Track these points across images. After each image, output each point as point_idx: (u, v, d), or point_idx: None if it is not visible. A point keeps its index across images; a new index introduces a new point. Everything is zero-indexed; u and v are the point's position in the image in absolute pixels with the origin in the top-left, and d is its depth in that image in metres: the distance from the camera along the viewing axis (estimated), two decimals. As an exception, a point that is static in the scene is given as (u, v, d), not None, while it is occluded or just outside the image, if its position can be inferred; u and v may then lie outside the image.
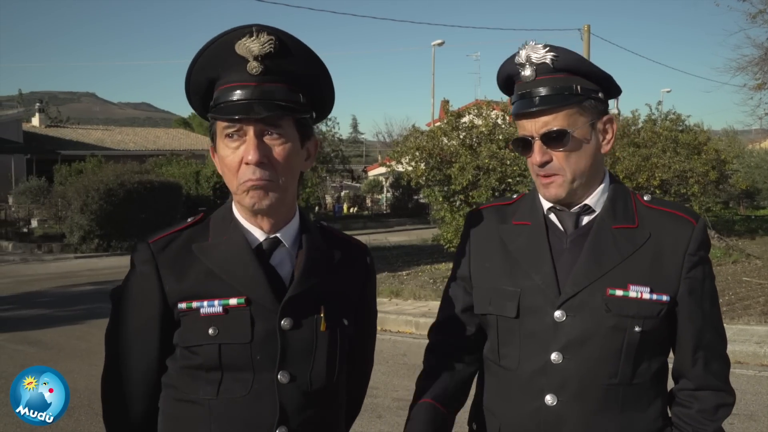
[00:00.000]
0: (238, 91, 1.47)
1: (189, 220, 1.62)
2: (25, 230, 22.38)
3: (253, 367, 1.50)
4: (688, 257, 1.66)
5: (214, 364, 1.49)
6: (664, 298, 1.63)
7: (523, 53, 1.68)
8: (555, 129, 1.64)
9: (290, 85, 1.50)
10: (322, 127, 26.34)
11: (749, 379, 6.55)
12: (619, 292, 1.62)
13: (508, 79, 1.76)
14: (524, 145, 1.70)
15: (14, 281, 14.17)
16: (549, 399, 1.63)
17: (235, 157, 1.48)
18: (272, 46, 1.45)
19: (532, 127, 1.67)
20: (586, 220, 1.72)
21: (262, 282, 1.51)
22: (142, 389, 1.56)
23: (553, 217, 1.74)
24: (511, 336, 1.71)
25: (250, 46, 1.45)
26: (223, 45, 1.47)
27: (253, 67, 1.46)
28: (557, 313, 1.63)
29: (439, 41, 37.19)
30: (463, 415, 1.88)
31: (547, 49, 1.65)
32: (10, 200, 25.11)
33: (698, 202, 15.04)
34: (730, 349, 7.29)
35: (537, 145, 1.66)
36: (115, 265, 15.08)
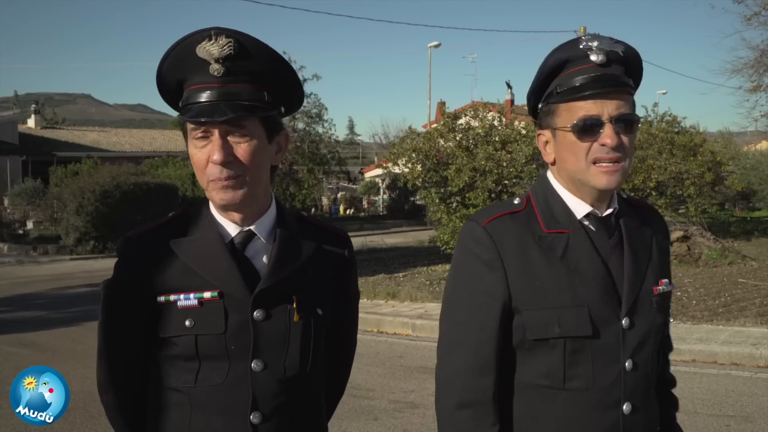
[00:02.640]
0: (203, 93, 1.53)
1: (170, 215, 1.69)
2: (20, 232, 22.31)
3: (228, 357, 1.56)
4: (668, 246, 1.79)
5: (192, 354, 1.56)
6: (672, 286, 1.73)
7: (591, 39, 1.62)
8: (630, 113, 1.60)
9: (254, 85, 1.55)
10: (318, 128, 26.31)
11: (745, 380, 6.56)
12: (660, 289, 1.67)
13: (561, 65, 1.64)
14: (590, 128, 1.58)
15: (9, 283, 14.13)
16: (626, 408, 1.61)
17: (202, 155, 1.54)
18: (231, 48, 1.51)
19: (601, 108, 1.57)
20: (614, 222, 1.68)
21: (234, 275, 1.57)
22: (131, 377, 1.64)
23: (586, 222, 1.66)
24: (582, 355, 1.60)
25: (210, 50, 1.50)
26: (184, 49, 1.53)
27: (215, 69, 1.51)
28: (624, 322, 1.61)
29: (435, 43, 37.24)
30: None
31: (613, 39, 1.63)
32: (6, 202, 25.02)
33: (694, 204, 15.09)
34: (727, 350, 7.31)
35: (610, 128, 1.57)
36: (111, 267, 14.84)
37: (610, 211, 1.67)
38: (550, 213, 1.66)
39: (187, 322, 1.55)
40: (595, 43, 1.60)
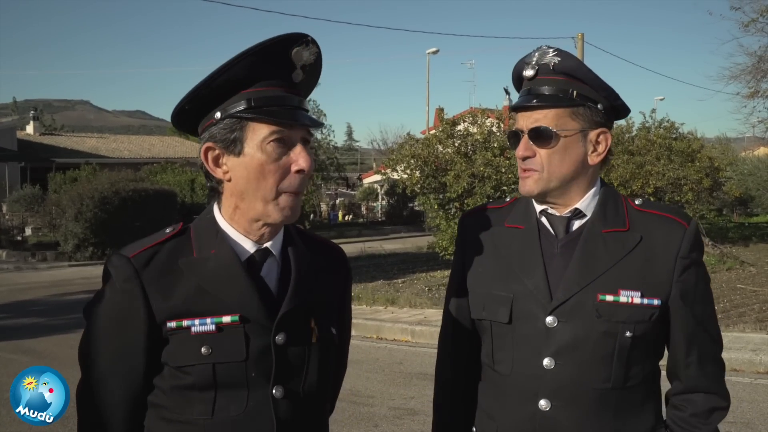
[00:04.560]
0: (284, 96, 1.46)
1: (168, 231, 1.55)
2: (19, 238, 22.29)
3: (247, 385, 1.46)
4: (679, 260, 1.66)
5: (208, 384, 1.44)
6: (656, 302, 1.64)
7: (533, 54, 1.73)
8: (541, 126, 1.67)
9: (306, 95, 1.55)
10: (317, 134, 26.35)
11: (745, 386, 6.54)
12: (609, 298, 1.63)
13: (518, 77, 1.79)
14: (515, 138, 1.75)
15: (8, 290, 14.10)
16: (543, 404, 1.64)
17: (282, 163, 1.45)
18: (314, 57, 1.49)
19: (524, 122, 1.71)
20: (576, 224, 1.73)
21: (255, 298, 1.47)
22: (125, 411, 1.49)
23: (544, 220, 1.75)
24: (505, 341, 1.72)
25: (303, 54, 1.46)
26: (279, 46, 1.44)
27: (298, 74, 1.48)
28: (549, 319, 1.64)
29: (434, 49, 37.29)
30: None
31: (554, 52, 1.70)
32: (4, 208, 25.01)
33: (692, 210, 15.10)
34: (726, 356, 7.27)
35: (524, 139, 1.71)
36: (110, 273, 14.99)
37: (567, 212, 1.73)
38: (520, 210, 1.82)
39: (203, 350, 1.42)
40: (532, 59, 1.72)
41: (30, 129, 37.53)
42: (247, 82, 1.45)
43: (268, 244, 1.53)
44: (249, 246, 1.51)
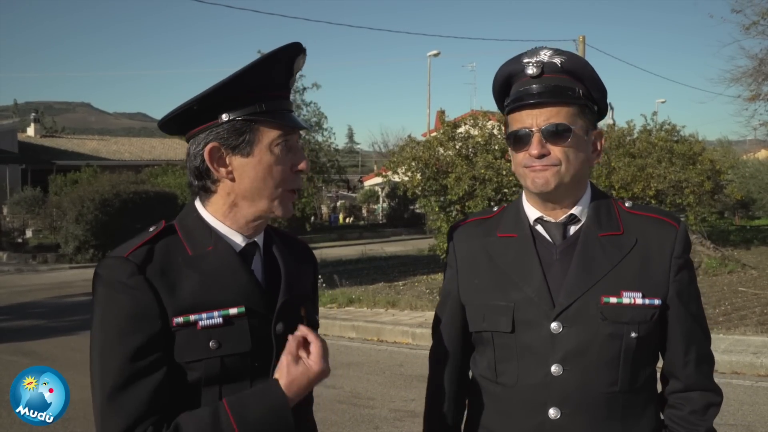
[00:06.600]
0: (284, 102, 1.57)
1: (152, 230, 1.55)
2: (19, 240, 22.31)
3: (251, 375, 1.50)
4: (674, 260, 1.68)
5: (215, 378, 1.46)
6: (656, 302, 1.65)
7: (534, 53, 1.69)
8: (560, 123, 1.63)
9: None
10: (318, 137, 26.37)
11: (746, 389, 6.54)
12: (613, 300, 1.63)
13: (507, 79, 1.73)
14: (520, 138, 1.67)
15: (9, 292, 14.12)
16: (552, 412, 1.62)
17: (286, 164, 1.56)
18: (303, 65, 1.59)
19: (533, 120, 1.64)
20: (572, 230, 1.72)
21: (256, 290, 1.53)
22: (156, 411, 1.41)
23: (539, 228, 1.74)
24: (508, 352, 1.70)
25: (300, 62, 1.58)
26: (287, 56, 1.54)
27: (293, 81, 1.59)
28: (553, 325, 1.63)
29: (435, 52, 37.38)
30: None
31: (557, 51, 1.68)
32: (5, 210, 25.04)
33: (694, 212, 15.10)
34: (727, 359, 7.29)
35: (536, 138, 1.63)
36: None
37: (563, 218, 1.71)
38: (510, 219, 1.79)
39: (211, 344, 1.44)
40: (534, 58, 1.67)
41: (31, 131, 37.59)
42: (259, 87, 1.52)
43: (256, 239, 1.61)
44: (240, 240, 1.58)
